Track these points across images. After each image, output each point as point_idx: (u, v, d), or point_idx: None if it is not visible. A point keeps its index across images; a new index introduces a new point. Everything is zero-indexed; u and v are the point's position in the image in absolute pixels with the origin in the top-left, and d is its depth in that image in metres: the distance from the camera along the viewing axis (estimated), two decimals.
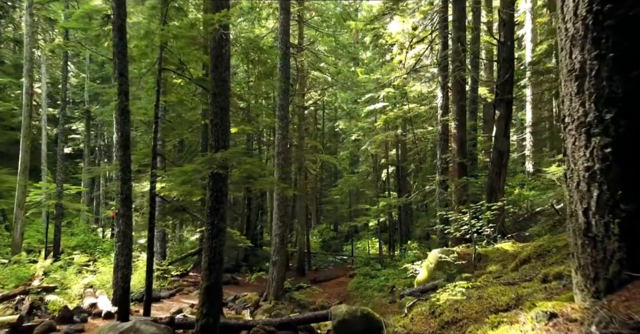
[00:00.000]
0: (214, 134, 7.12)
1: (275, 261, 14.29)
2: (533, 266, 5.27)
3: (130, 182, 8.25)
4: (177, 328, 8.31)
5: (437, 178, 13.45)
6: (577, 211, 2.69)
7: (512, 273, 5.24)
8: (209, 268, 6.88)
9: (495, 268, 7.55)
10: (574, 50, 2.73)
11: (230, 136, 24.88)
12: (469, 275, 7.35)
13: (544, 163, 22.28)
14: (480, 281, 5.26)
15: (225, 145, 7.14)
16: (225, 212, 7.16)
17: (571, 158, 2.78)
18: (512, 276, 4.99)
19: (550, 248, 5.55)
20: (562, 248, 5.39)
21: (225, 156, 6.62)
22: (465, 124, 13.12)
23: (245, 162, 7.03)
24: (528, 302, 2.96)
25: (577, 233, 2.66)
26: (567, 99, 2.81)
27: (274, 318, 9.33)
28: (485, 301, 3.55)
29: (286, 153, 14.65)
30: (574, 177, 2.73)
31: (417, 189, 19.17)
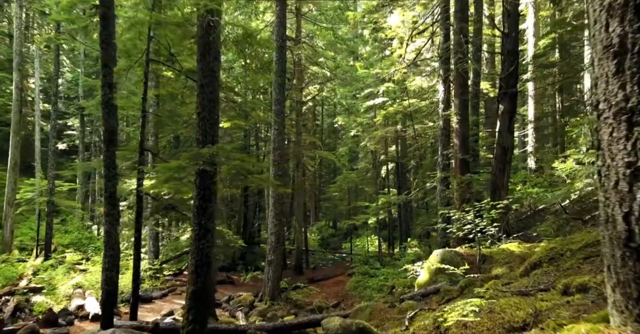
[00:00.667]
0: (201, 127, 6.66)
1: (271, 261, 13.86)
2: (546, 271, 4.82)
3: (115, 179, 7.79)
4: (164, 333, 7.88)
5: (438, 175, 13.00)
6: (615, 216, 2.23)
7: (523, 279, 4.78)
8: (195, 271, 6.44)
9: (502, 270, 7.10)
10: (611, 22, 2.27)
11: (227, 132, 24.39)
12: (473, 278, 6.91)
13: (546, 160, 21.86)
14: (488, 288, 4.81)
15: (214, 140, 6.68)
16: (213, 212, 6.71)
17: (607, 152, 2.31)
18: (523, 283, 4.55)
19: (564, 251, 5.11)
20: (577, 252, 4.95)
21: (213, 151, 6.16)
22: (467, 119, 12.65)
23: (234, 158, 6.57)
24: (551, 321, 2.52)
25: (616, 243, 2.20)
26: (603, 81, 2.34)
27: (266, 322, 8.90)
28: (498, 316, 3.11)
29: (283, 149, 14.19)
30: (610, 175, 2.27)
31: (417, 186, 18.72)
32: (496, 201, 8.88)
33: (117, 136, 7.86)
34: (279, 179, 13.95)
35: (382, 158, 25.78)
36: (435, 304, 6.78)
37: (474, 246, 9.04)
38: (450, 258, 8.08)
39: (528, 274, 5.30)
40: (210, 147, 6.24)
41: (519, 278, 5.24)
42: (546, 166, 23.02)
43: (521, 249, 7.93)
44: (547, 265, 5.13)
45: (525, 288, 4.21)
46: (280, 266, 14.27)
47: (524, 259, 7.32)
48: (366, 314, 6.99)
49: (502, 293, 4.11)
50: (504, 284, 4.78)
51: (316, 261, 26.50)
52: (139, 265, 8.65)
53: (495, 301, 3.62)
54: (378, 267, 18.90)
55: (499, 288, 4.54)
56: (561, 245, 5.33)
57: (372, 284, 16.18)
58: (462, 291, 6.54)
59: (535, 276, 4.70)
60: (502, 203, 8.15)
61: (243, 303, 13.28)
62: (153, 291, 14.36)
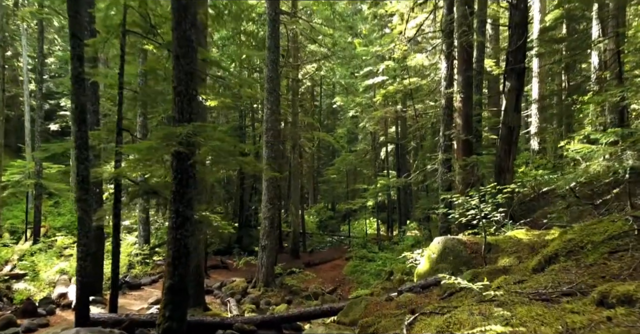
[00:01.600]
0: (177, 104, 5.97)
1: (265, 246, 13.32)
2: (564, 267, 4.20)
3: (87, 162, 7.13)
4: (144, 326, 7.34)
5: (439, 157, 12.33)
6: None
7: (539, 277, 4.17)
8: (172, 264, 5.84)
9: (509, 260, 6.51)
10: None
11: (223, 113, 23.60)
12: (478, 269, 6.32)
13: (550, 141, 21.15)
14: (499, 286, 4.20)
15: (192, 117, 6.00)
16: (193, 198, 6.07)
17: None
18: (540, 281, 3.93)
19: (584, 243, 4.48)
20: (600, 245, 4.32)
21: (188, 130, 5.49)
22: (471, 97, 11.92)
23: (214, 139, 5.90)
24: None
25: None
26: None
27: (256, 314, 8.36)
28: (519, 332, 2.49)
29: (276, 130, 13.50)
30: None
31: (417, 168, 18.08)
32: (502, 185, 8.26)
33: (87, 113, 7.16)
34: (273, 161, 13.32)
35: (382, 139, 25.08)
36: (436, 297, 6.21)
37: (479, 233, 8.45)
38: (453, 247, 7.50)
39: (543, 269, 4.68)
40: (185, 126, 5.56)
41: (532, 274, 4.62)
42: (549, 147, 22.38)
43: (529, 236, 7.33)
44: (565, 259, 4.51)
45: (544, 288, 3.58)
46: (274, 251, 13.75)
47: (534, 248, 6.72)
48: (360, 308, 6.43)
49: (517, 296, 3.49)
50: (517, 282, 4.17)
51: (314, 243, 26.06)
52: (119, 253, 8.08)
53: (511, 309, 3.00)
54: (376, 251, 18.44)
55: (512, 288, 3.92)
56: (580, 236, 4.70)
57: (369, 269, 15.71)
58: None
59: (554, 274, 4.08)
60: (510, 187, 7.51)
61: (235, 290, 12.79)
62: (143, 277, 13.87)
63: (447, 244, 7.57)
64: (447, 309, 3.73)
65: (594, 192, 9.62)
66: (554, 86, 23.56)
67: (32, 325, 8.60)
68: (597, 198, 9.55)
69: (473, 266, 7.14)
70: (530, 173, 17.48)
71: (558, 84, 22.51)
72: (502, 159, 10.94)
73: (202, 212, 8.86)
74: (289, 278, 14.38)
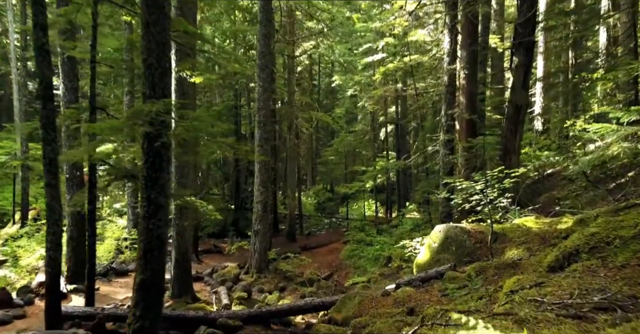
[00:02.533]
0: (148, 78, 5.26)
1: (258, 231, 12.77)
2: (589, 267, 3.59)
3: (55, 143, 6.46)
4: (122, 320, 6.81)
5: (441, 137, 11.65)
6: None
7: (560, 279, 3.55)
8: (144, 257, 5.23)
9: (518, 252, 5.92)
10: None
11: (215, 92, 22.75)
12: (484, 262, 5.73)
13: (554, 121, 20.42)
14: (513, 291, 3.59)
15: (165, 93, 5.30)
16: (167, 184, 5.43)
17: None
18: (560, 284, 3.32)
19: (611, 239, 3.86)
20: (631, 241, 3.70)
21: (158, 108, 4.81)
22: (476, 74, 11.17)
23: (189, 118, 5.22)
24: None
25: None
26: None
27: (242, 309, 7.82)
28: None
29: (269, 109, 12.77)
30: None
31: (417, 149, 17.39)
32: (507, 167, 7.63)
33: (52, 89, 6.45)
34: (265, 142, 12.65)
35: (381, 120, 24.32)
36: (438, 293, 5.64)
37: (483, 220, 7.85)
38: (455, 236, 6.90)
39: (562, 268, 4.08)
40: (154, 103, 4.88)
41: (550, 274, 4.01)
42: (554, 128, 21.66)
43: (539, 225, 6.72)
44: (588, 257, 3.89)
45: (570, 297, 2.97)
46: (267, 236, 13.20)
47: (545, 239, 6.13)
48: (354, 304, 5.87)
49: (538, 308, 2.89)
50: (534, 285, 3.55)
51: (311, 226, 25.56)
52: (94, 243, 7.49)
53: (535, 330, 2.38)
54: (374, 235, 17.92)
55: (529, 294, 3.31)
56: (605, 229, 4.07)
57: (367, 254, 15.22)
58: (470, 280, 5.37)
59: (577, 276, 3.47)
60: (518, 171, 6.87)
61: (227, 276, 12.28)
62: (131, 262, 13.32)
63: (450, 233, 6.98)
64: (453, 321, 3.12)
65: (607, 175, 8.99)
66: (560, 63, 22.67)
67: (6, 317, 8.11)
68: (610, 182, 8.93)
69: (477, 258, 6.56)
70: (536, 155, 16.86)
71: (565, 61, 21.59)
72: (508, 140, 10.28)
73: (187, 197, 8.24)
74: (284, 263, 13.87)
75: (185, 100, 9.71)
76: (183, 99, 9.63)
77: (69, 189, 10.29)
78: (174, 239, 9.85)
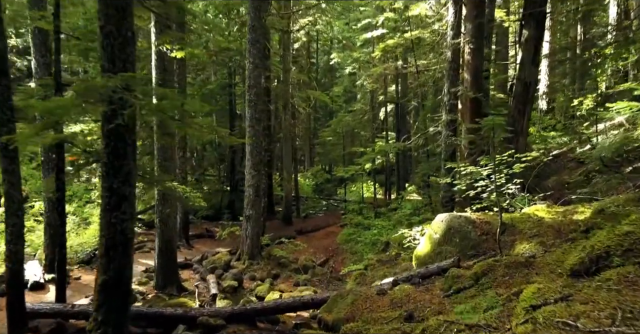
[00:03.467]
0: (106, 49, 4.53)
1: (250, 216, 12.16)
2: (627, 276, 2.94)
3: (11, 123, 5.75)
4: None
5: (443, 118, 10.93)
6: None
7: (591, 291, 2.91)
8: (106, 254, 4.60)
9: (530, 247, 5.29)
10: None
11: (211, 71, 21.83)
12: (492, 259, 5.10)
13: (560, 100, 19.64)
14: (533, 305, 2.96)
15: (127, 67, 4.58)
16: (132, 171, 4.76)
17: None
18: (595, 300, 2.69)
19: None
20: None
21: (116, 84, 4.09)
22: (482, 49, 10.36)
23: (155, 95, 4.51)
24: None
25: None
26: None
27: (224, 306, 7.23)
28: None
29: (260, 87, 11.99)
30: None
31: (418, 130, 16.67)
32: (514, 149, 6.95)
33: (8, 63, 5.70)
34: (257, 122, 11.91)
35: (381, 99, 23.49)
36: (440, 293, 5.03)
37: (488, 207, 7.20)
38: (459, 227, 6.27)
39: (588, 273, 3.44)
40: (110, 78, 4.16)
41: (575, 281, 3.37)
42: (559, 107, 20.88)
43: (552, 215, 6.08)
44: (622, 262, 3.25)
45: (613, 324, 2.33)
46: (260, 221, 12.60)
47: (559, 232, 5.49)
48: (346, 304, 5.26)
49: None
50: (559, 299, 2.91)
51: (309, 208, 25.01)
52: (64, 232, 6.88)
53: None
54: (372, 218, 17.35)
55: (557, 313, 2.67)
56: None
57: (364, 239, 14.66)
58: (477, 280, 4.75)
59: (614, 288, 2.83)
60: (530, 155, 6.19)
61: (217, 264, 11.72)
62: None
63: (453, 224, 6.34)
64: None
65: (623, 158, 8.30)
66: (568, 39, 21.73)
67: None
68: (627, 165, 8.25)
69: (483, 251, 5.94)
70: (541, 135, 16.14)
71: (573, 37, 20.66)
72: (515, 120, 9.58)
73: (168, 183, 7.58)
74: (278, 249, 13.31)
75: (166, 77, 8.98)
76: (165, 76, 8.90)
77: (44, 173, 9.64)
78: (157, 227, 9.25)
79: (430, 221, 12.41)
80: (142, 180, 7.09)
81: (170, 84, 9.13)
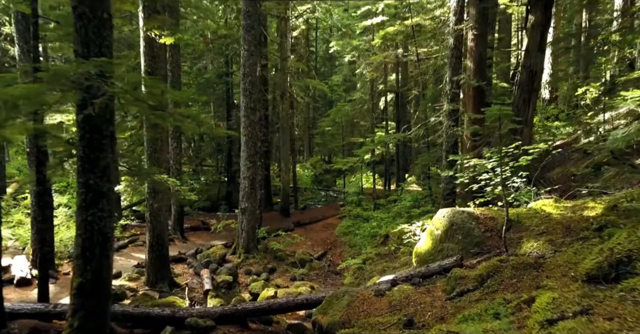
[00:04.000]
0: (79, 32, 4.16)
1: (245, 209, 11.84)
2: None
3: None
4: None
5: (445, 107, 10.53)
6: None
7: (616, 304, 2.57)
8: (82, 256, 4.27)
9: (538, 245, 4.96)
10: None
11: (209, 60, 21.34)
12: (498, 259, 4.77)
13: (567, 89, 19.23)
14: (548, 319, 2.62)
15: (103, 52, 4.20)
16: (110, 165, 4.41)
17: None
18: (623, 316, 2.35)
19: None
20: None
21: (87, 69, 3.71)
22: (486, 35, 9.96)
23: (133, 83, 4.13)
24: None
25: None
26: None
27: (214, 307, 6.93)
28: None
29: (255, 75, 11.57)
30: None
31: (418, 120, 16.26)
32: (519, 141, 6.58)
33: None
34: (252, 112, 11.52)
35: (381, 88, 23.03)
36: (442, 295, 4.71)
37: (491, 202, 6.88)
38: (462, 223, 5.92)
39: (607, 280, 3.11)
40: (84, 63, 3.78)
41: (594, 289, 3.03)
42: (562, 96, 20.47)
43: (561, 210, 5.74)
44: None
45: None
46: (255, 214, 12.28)
47: (569, 229, 5.15)
48: (342, 307, 4.94)
49: None
50: (580, 313, 2.58)
51: (307, 199, 24.71)
52: (48, 229, 6.54)
53: None
54: (371, 210, 17.05)
55: (578, 331, 2.34)
56: None
57: (363, 231, 14.37)
58: (482, 282, 4.43)
59: (638, 298, 2.50)
60: (539, 147, 5.83)
61: (212, 257, 11.42)
62: None
63: (455, 219, 6.00)
64: None
65: (634, 150, 7.93)
66: (572, 26, 21.22)
67: None
68: (636, 156, 7.89)
69: (488, 249, 5.61)
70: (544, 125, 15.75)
71: (577, 24, 20.14)
72: (520, 110, 9.19)
73: (158, 176, 7.22)
74: (274, 242, 13.00)
75: (156, 65, 8.58)
76: (154, 64, 8.49)
77: (30, 165, 9.29)
78: (147, 221, 8.92)
79: (430, 214, 12.15)
80: (129, 173, 6.75)
81: (161, 72, 8.73)
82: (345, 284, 10.33)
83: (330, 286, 10.73)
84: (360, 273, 10.45)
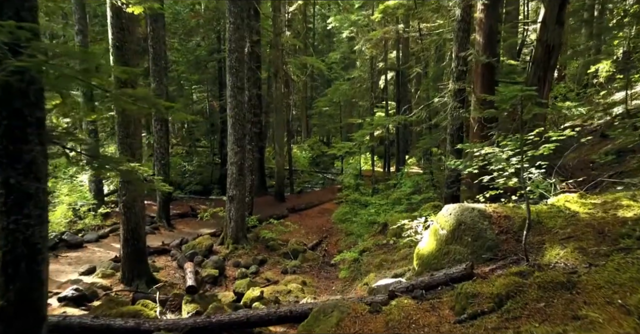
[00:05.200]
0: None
1: (233, 196, 11.02)
2: None
3: None
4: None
5: (450, 86, 9.58)
6: None
7: None
8: (3, 272, 3.44)
9: (565, 254, 4.11)
10: None
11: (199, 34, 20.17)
12: (519, 280, 3.93)
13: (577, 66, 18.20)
14: None
15: (22, 16, 3.28)
16: (38, 160, 3.53)
17: None
18: None
19: None
20: None
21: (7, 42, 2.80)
22: (497, 6, 8.93)
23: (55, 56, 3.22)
24: None
25: None
26: None
27: (183, 318, 6.13)
28: None
29: (242, 52, 10.57)
30: None
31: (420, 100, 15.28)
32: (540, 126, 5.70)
33: None
34: (239, 91, 10.56)
35: (381, 65, 21.92)
36: (449, 314, 3.90)
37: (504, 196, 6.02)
38: (472, 222, 5.07)
39: None
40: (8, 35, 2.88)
41: None
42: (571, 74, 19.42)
43: (589, 208, 4.87)
44: None
45: None
46: (243, 202, 11.45)
47: (602, 233, 4.32)
48: (330, 326, 4.14)
49: None
50: None
51: (304, 182, 23.90)
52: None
53: None
54: (370, 195, 16.25)
55: None
56: None
57: (361, 219, 13.56)
58: (500, 303, 3.60)
59: None
60: (564, 134, 4.92)
61: (198, 249, 10.65)
62: (88, 231, 11.66)
63: (464, 218, 5.15)
64: None
65: None
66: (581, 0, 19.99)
67: None
68: None
69: (502, 255, 4.77)
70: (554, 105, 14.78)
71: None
72: None
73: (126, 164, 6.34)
74: (266, 230, 12.22)
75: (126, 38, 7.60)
76: (122, 37, 7.52)
77: None
78: (121, 214, 8.11)
79: (432, 202, 11.32)
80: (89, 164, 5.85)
81: (132, 47, 7.75)
82: (340, 279, 9.61)
83: (324, 280, 10.01)
84: (357, 266, 9.70)
